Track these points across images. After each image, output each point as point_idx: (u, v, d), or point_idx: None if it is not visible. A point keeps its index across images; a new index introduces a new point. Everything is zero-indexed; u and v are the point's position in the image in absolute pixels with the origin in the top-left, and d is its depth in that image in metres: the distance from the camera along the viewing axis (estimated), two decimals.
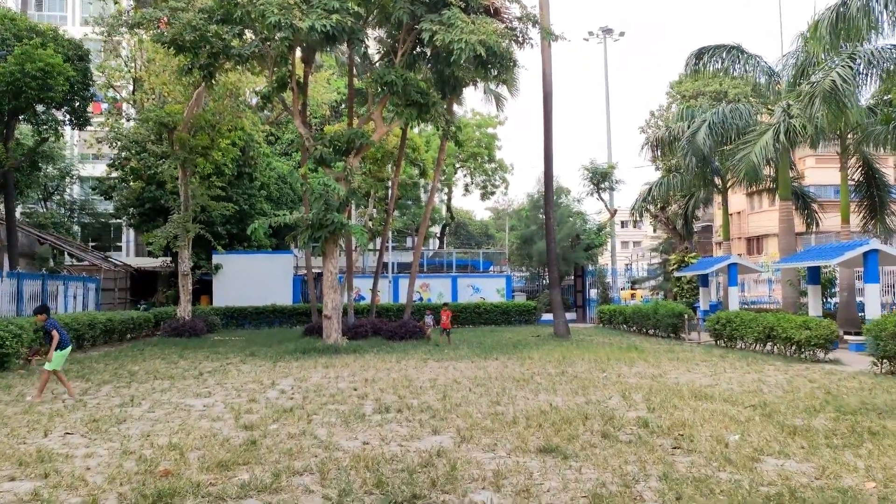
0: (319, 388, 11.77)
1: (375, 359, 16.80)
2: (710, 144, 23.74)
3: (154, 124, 25.38)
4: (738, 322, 18.59)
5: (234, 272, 33.69)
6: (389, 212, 27.65)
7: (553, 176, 24.59)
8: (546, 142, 24.35)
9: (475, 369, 14.43)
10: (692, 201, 30.90)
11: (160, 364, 16.30)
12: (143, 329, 26.64)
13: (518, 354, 17.54)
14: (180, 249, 26.64)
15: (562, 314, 24.35)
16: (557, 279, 24.86)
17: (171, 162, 25.55)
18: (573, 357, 16.62)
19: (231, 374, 13.94)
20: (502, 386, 11.66)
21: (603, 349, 18.73)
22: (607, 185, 41.55)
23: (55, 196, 45.35)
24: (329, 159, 20.01)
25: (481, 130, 49.55)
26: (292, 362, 16.36)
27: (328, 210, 19.20)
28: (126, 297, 34.98)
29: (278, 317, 32.12)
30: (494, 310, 33.31)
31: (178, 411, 9.60)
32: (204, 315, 29.40)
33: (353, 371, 14.31)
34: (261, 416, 9.06)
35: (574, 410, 9.02)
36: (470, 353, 18.22)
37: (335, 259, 20.15)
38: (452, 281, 36.94)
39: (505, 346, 20.36)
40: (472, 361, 16.14)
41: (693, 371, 13.91)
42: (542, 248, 37.41)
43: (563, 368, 14.33)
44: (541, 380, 12.49)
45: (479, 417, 8.70)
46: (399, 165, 27.35)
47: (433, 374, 13.78)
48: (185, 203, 26.55)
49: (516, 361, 15.96)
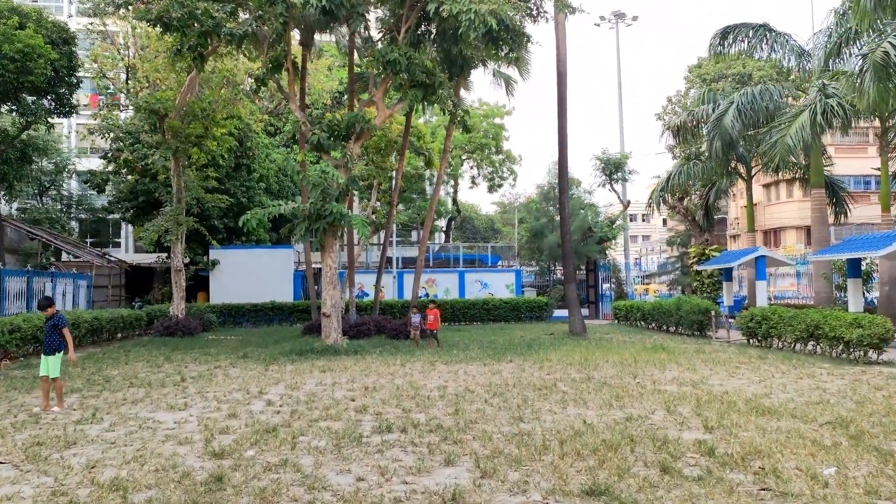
0: (312, 398, 10.25)
1: (378, 361, 15.28)
2: (739, 128, 22.11)
3: (144, 111, 23.89)
4: (775, 319, 16.98)
5: (232, 268, 32.22)
6: (393, 203, 26.10)
7: (568, 163, 22.97)
8: (560, 125, 22.74)
9: (489, 374, 12.89)
10: (713, 191, 29.24)
11: (142, 368, 14.82)
12: (134, 328, 25.20)
13: (534, 356, 15.99)
14: (172, 244, 25.16)
15: (578, 311, 22.79)
16: (572, 273, 23.28)
17: (162, 151, 24.03)
18: (596, 359, 15.06)
19: (216, 381, 12.43)
20: (522, 396, 10.11)
21: (627, 349, 17.16)
22: (620, 175, 39.92)
23: (51, 191, 43.96)
24: (327, 145, 18.47)
25: (488, 121, 47.92)
26: (286, 366, 14.85)
27: (326, 199, 17.68)
28: (120, 295, 33.55)
29: (277, 314, 30.64)
30: (503, 306, 31.76)
31: (143, 430, 8.09)
32: (199, 313, 27.95)
33: (353, 376, 12.79)
34: (238, 437, 7.54)
35: (615, 430, 7.47)
36: (481, 354, 16.68)
37: (335, 253, 18.62)
38: (459, 276, 35.39)
39: (518, 345, 18.81)
40: (485, 364, 14.60)
41: (736, 376, 12.33)
42: (553, 242, 35.84)
43: (587, 373, 12.77)
44: (565, 387, 10.93)
45: (501, 440, 7.16)
46: (403, 154, 25.81)
47: (442, 379, 12.25)
48: (177, 195, 25.07)
49: (533, 364, 14.42)
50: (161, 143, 24.21)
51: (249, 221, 17.23)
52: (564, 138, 22.79)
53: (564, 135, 22.81)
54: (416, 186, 44.07)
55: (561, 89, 22.79)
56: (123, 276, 34.51)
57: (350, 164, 18.47)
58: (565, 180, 23.02)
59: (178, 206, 24.70)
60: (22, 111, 24.55)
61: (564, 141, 22.80)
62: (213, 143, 26.75)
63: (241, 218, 17.15)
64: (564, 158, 22.86)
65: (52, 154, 40.24)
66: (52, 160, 41.30)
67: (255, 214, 17.36)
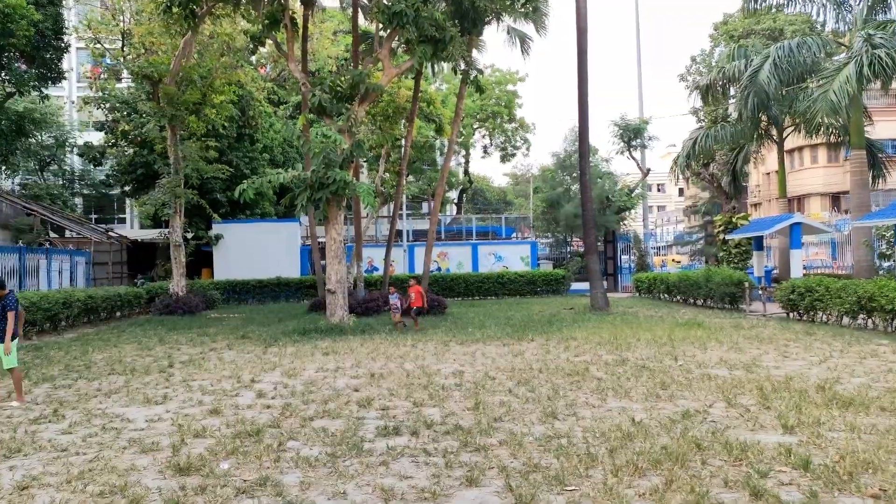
0: (310, 388, 8.95)
1: (386, 342, 13.98)
2: (775, 84, 20.41)
3: (137, 77, 22.46)
4: (821, 291, 15.50)
5: (236, 242, 31.02)
6: (402, 173, 24.64)
7: (589, 125, 21.36)
8: (580, 85, 21.10)
9: (509, 356, 11.56)
10: (741, 155, 27.51)
11: (131, 351, 13.62)
12: (133, 307, 24.10)
13: (557, 334, 14.64)
14: (171, 218, 23.89)
15: (600, 284, 21.38)
16: (594, 244, 21.81)
17: (156, 119, 22.62)
18: (626, 337, 13.68)
19: (207, 367, 11.18)
20: (552, 384, 8.77)
21: (657, 325, 15.76)
22: (639, 142, 38.20)
23: (52, 166, 42.71)
24: (330, 108, 17.01)
25: (501, 88, 46.17)
26: (287, 347, 13.59)
27: (329, 167, 16.29)
28: (122, 272, 32.44)
29: (283, 290, 29.46)
30: (519, 279, 30.41)
31: (105, 432, 6.82)
32: (202, 290, 26.81)
33: (358, 360, 11.49)
34: (214, 442, 6.24)
35: (673, 432, 6.11)
36: (499, 332, 15.35)
37: (339, 225, 17.26)
38: (473, 249, 34.01)
39: (537, 322, 17.46)
40: (504, 344, 13.27)
41: (790, 356, 10.92)
42: (570, 212, 34.32)
43: (620, 354, 11.40)
44: (599, 372, 9.57)
45: (535, 446, 5.82)
46: (412, 120, 24.26)
47: (458, 363, 10.92)
48: (175, 166, 23.74)
49: (558, 344, 13.07)
50: (155, 111, 22.80)
51: (246, 192, 15.89)
52: (585, 98, 21.16)
53: (585, 94, 21.17)
54: (426, 157, 42.51)
55: (581, 46, 21.11)
56: (125, 252, 33.35)
57: (354, 128, 17.02)
58: (586, 144, 21.44)
59: (175, 177, 23.39)
60: (4, 78, 23.16)
61: (585, 101, 21.18)
62: (212, 111, 25.32)
63: (238, 188, 15.80)
64: (585, 120, 21.25)
65: (51, 127, 38.95)
66: (51, 134, 40.03)
67: (252, 184, 16.01)
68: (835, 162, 55.20)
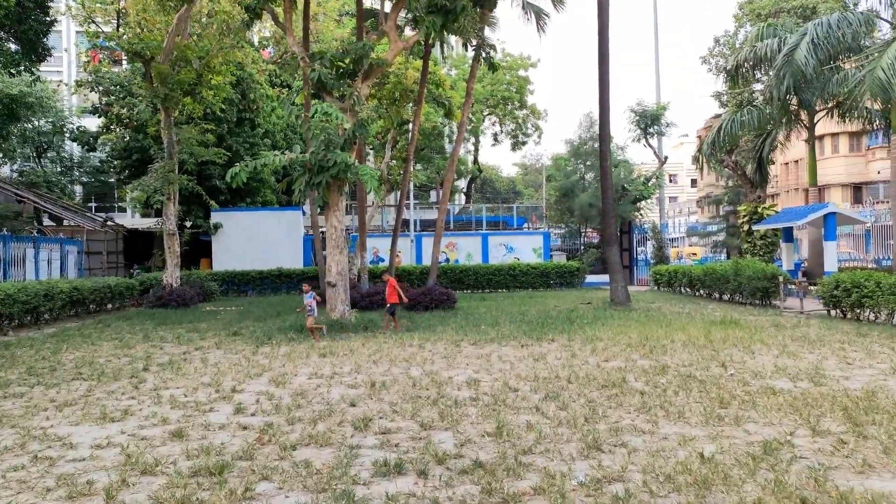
0: (298, 400, 7.58)
1: (391, 341, 12.61)
2: (814, 64, 18.82)
3: (128, 56, 21.09)
4: (870, 287, 14.01)
5: (236, 232, 29.68)
6: (409, 158, 23.18)
7: (610, 107, 19.85)
8: (601, 63, 19.57)
9: (530, 360, 10.15)
10: (768, 140, 25.90)
11: (108, 350, 12.30)
12: (125, 298, 22.80)
13: (580, 332, 13.22)
14: (164, 205, 22.53)
15: (620, 277, 19.92)
16: (614, 234, 20.33)
17: (147, 99, 21.23)
18: (657, 337, 12.25)
19: (185, 371, 9.83)
20: (586, 398, 7.36)
21: (689, 324, 14.31)
22: (656, 129, 36.63)
23: (49, 153, 41.45)
24: (330, 83, 15.58)
25: (512, 73, 44.54)
26: (280, 347, 12.24)
27: (329, 148, 14.88)
28: (117, 262, 31.19)
29: (285, 282, 28.11)
30: (531, 271, 28.94)
31: (34, 464, 5.45)
32: (199, 281, 25.50)
33: (358, 363, 10.12)
34: (163, 484, 4.87)
35: (759, 474, 4.70)
36: (514, 330, 13.95)
37: (341, 212, 15.86)
38: (483, 239, 32.58)
39: (555, 319, 16.04)
40: (522, 345, 11.87)
41: (854, 363, 9.46)
42: (584, 201, 32.86)
43: (657, 359, 9.98)
44: (639, 383, 8.16)
45: (582, 496, 4.41)
46: (420, 103, 22.80)
47: (472, 369, 9.53)
48: (168, 149, 22.37)
49: (583, 345, 11.66)
50: (147, 91, 21.41)
51: (239, 175, 14.47)
52: (606, 76, 19.63)
53: (606, 72, 19.64)
54: (434, 144, 41.05)
55: (602, 20, 19.58)
56: (121, 241, 32.09)
57: (357, 106, 15.58)
58: (606, 127, 19.93)
59: (168, 161, 22.01)
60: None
61: (606, 79, 19.65)
62: (209, 93, 23.93)
63: (230, 171, 14.40)
64: (606, 100, 19.73)
65: (47, 113, 37.67)
66: (48, 120, 38.76)
67: (245, 167, 14.60)
68: (857, 151, 53.40)
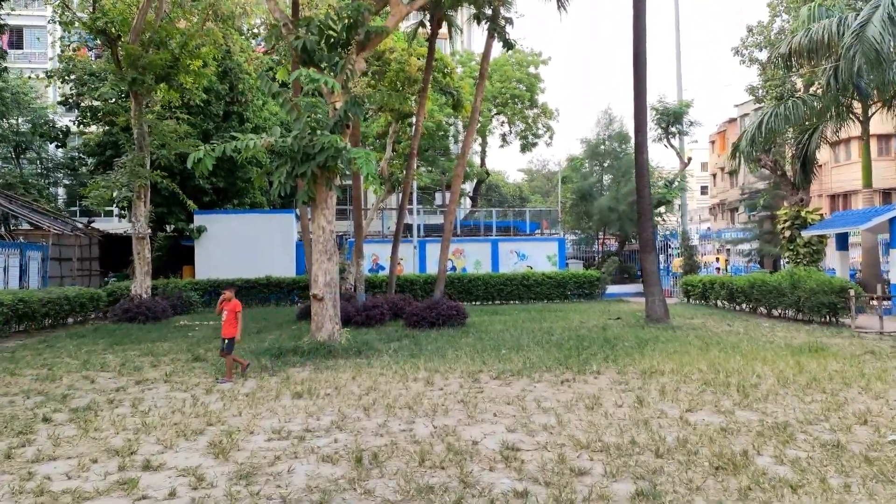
0: (238, 491, 4.78)
1: (389, 371, 9.81)
2: (890, 42, 16.07)
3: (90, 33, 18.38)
4: None
5: (221, 236, 26.90)
6: (412, 153, 20.44)
7: (647, 95, 17.05)
8: (636, 35, 16.78)
9: (580, 407, 7.35)
10: (814, 136, 23.09)
11: (24, 383, 9.51)
12: (89, 310, 19.99)
13: (628, 360, 10.41)
14: (134, 204, 19.78)
15: (658, 289, 17.11)
16: (651, 240, 17.51)
17: (112, 82, 18.50)
18: (733, 368, 9.44)
19: (99, 424, 7.03)
20: (703, 497, 4.55)
21: (762, 350, 11.48)
22: (678, 129, 33.90)
23: (28, 153, 38.72)
24: (319, 54, 12.85)
25: (522, 70, 41.81)
26: (247, 380, 9.44)
27: (317, 130, 12.16)
28: (90, 269, 28.39)
29: (275, 292, 25.30)
30: (547, 281, 26.12)
31: None
32: (177, 291, 22.72)
33: (343, 412, 7.30)
34: None
35: None
36: (545, 356, 11.13)
37: (329, 209, 13.09)
38: (493, 245, 29.78)
39: (589, 339, 13.22)
40: (562, 380, 9.06)
41: None
42: (604, 204, 30.08)
43: (761, 408, 7.16)
44: (766, 457, 5.34)
45: None
46: (425, 91, 20.09)
47: (503, 422, 6.72)
48: (138, 140, 19.65)
49: (641, 381, 8.85)
50: (114, 74, 18.69)
51: (203, 162, 11.75)
52: (643, 52, 16.81)
53: (643, 53, 16.84)
54: (439, 144, 38.34)
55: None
56: (96, 247, 29.31)
57: (351, 81, 12.82)
58: (643, 114, 17.12)
59: (137, 154, 19.26)
60: None
61: (643, 57, 16.82)
62: (188, 79, 21.21)
63: (191, 157, 11.64)
64: (643, 83, 16.92)
65: (24, 110, 35.03)
66: (27, 118, 36.09)
67: (209, 152, 11.84)
68: (885, 155, 50.52)
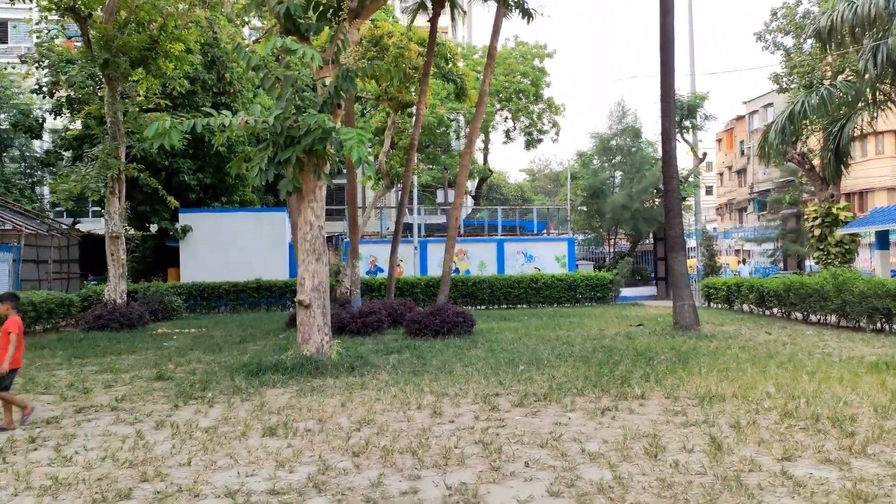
0: None
1: (388, 395, 8.04)
2: None
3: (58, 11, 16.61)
4: None
5: (208, 236, 25.12)
6: (413, 143, 18.69)
7: (674, 72, 15.26)
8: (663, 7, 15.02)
9: (632, 445, 5.57)
10: (847, 125, 21.30)
11: None
12: (59, 317, 18.14)
13: (676, 380, 8.63)
14: (107, 200, 17.99)
15: (688, 293, 15.32)
16: (680, 238, 15.71)
17: (83, 66, 16.72)
18: (807, 390, 7.67)
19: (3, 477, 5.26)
20: None
21: (825, 365, 9.71)
22: (692, 122, 32.19)
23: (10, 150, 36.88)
24: (304, 23, 11.10)
25: (527, 63, 40.10)
26: (212, 407, 7.67)
27: (301, 110, 10.39)
28: (69, 272, 26.61)
29: (265, 296, 23.52)
30: (557, 284, 24.34)
31: None
32: (159, 295, 20.95)
33: (325, 457, 5.51)
34: None
35: None
36: (571, 372, 9.36)
37: (318, 202, 11.31)
38: (498, 246, 28.00)
39: (618, 352, 11.44)
40: (600, 408, 7.27)
41: None
42: (617, 202, 28.31)
43: (879, 456, 5.40)
44: None
45: None
46: (426, 77, 18.43)
47: (536, 475, 4.95)
48: (112, 130, 17.88)
49: (701, 408, 7.08)
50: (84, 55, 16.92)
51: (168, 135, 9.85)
52: (670, 27, 15.05)
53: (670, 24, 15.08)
54: (440, 140, 36.61)
55: None
56: (76, 248, 27.55)
57: (342, 54, 11.04)
58: (671, 99, 15.33)
59: (111, 143, 17.48)
60: None
61: (671, 35, 15.08)
62: (168, 64, 19.43)
63: (152, 127, 9.75)
64: (670, 64, 15.14)
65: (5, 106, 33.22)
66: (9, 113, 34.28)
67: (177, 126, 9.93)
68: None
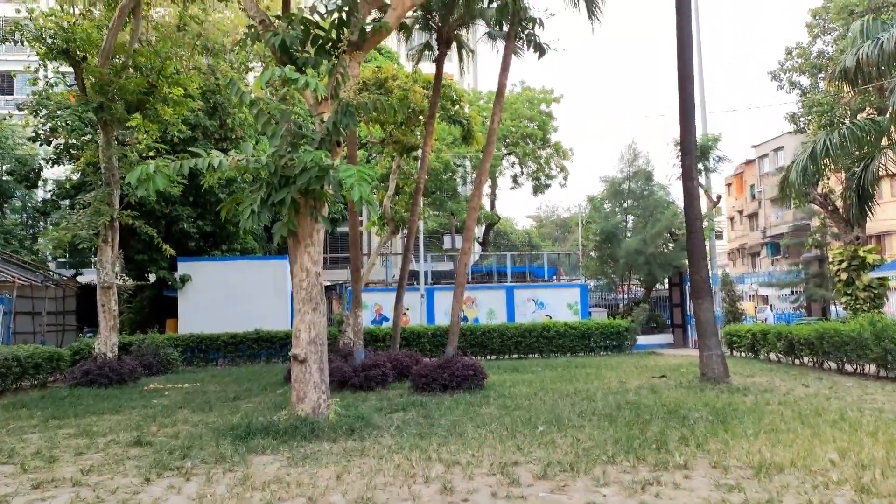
0: None
1: (391, 464, 6.99)
2: None
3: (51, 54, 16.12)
4: None
5: (208, 285, 24.27)
6: (419, 187, 17.95)
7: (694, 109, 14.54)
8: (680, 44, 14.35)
9: None
10: (871, 165, 20.46)
11: None
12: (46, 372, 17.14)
13: (721, 445, 7.56)
14: (100, 249, 17.20)
15: (717, 342, 14.26)
16: (706, 283, 14.72)
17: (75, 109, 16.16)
18: (875, 456, 6.60)
19: None
20: None
21: (880, 422, 8.62)
22: (705, 165, 31.43)
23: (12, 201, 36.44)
24: (301, 57, 10.41)
25: (534, 108, 39.86)
26: (189, 481, 6.64)
27: (297, 146, 9.61)
28: (63, 324, 25.73)
29: (265, 347, 22.50)
30: (570, 332, 23.21)
31: None
32: (154, 347, 20.02)
33: None
34: None
35: None
36: (597, 435, 8.29)
37: (315, 247, 10.44)
38: (507, 293, 27.00)
39: (645, 407, 10.36)
40: (639, 482, 6.21)
41: None
42: (632, 247, 27.40)
43: None
44: None
45: None
46: (432, 118, 17.79)
47: None
48: (106, 175, 17.22)
49: (752, 478, 6.02)
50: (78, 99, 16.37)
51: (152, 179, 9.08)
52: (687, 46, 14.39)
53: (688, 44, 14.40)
54: (446, 186, 36.03)
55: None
56: (73, 299, 26.74)
57: (341, 87, 10.30)
58: (692, 134, 14.60)
59: (104, 189, 16.77)
60: None
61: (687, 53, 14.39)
62: (167, 110, 18.89)
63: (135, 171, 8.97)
64: (689, 101, 14.44)
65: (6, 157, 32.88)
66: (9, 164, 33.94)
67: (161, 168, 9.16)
68: None
